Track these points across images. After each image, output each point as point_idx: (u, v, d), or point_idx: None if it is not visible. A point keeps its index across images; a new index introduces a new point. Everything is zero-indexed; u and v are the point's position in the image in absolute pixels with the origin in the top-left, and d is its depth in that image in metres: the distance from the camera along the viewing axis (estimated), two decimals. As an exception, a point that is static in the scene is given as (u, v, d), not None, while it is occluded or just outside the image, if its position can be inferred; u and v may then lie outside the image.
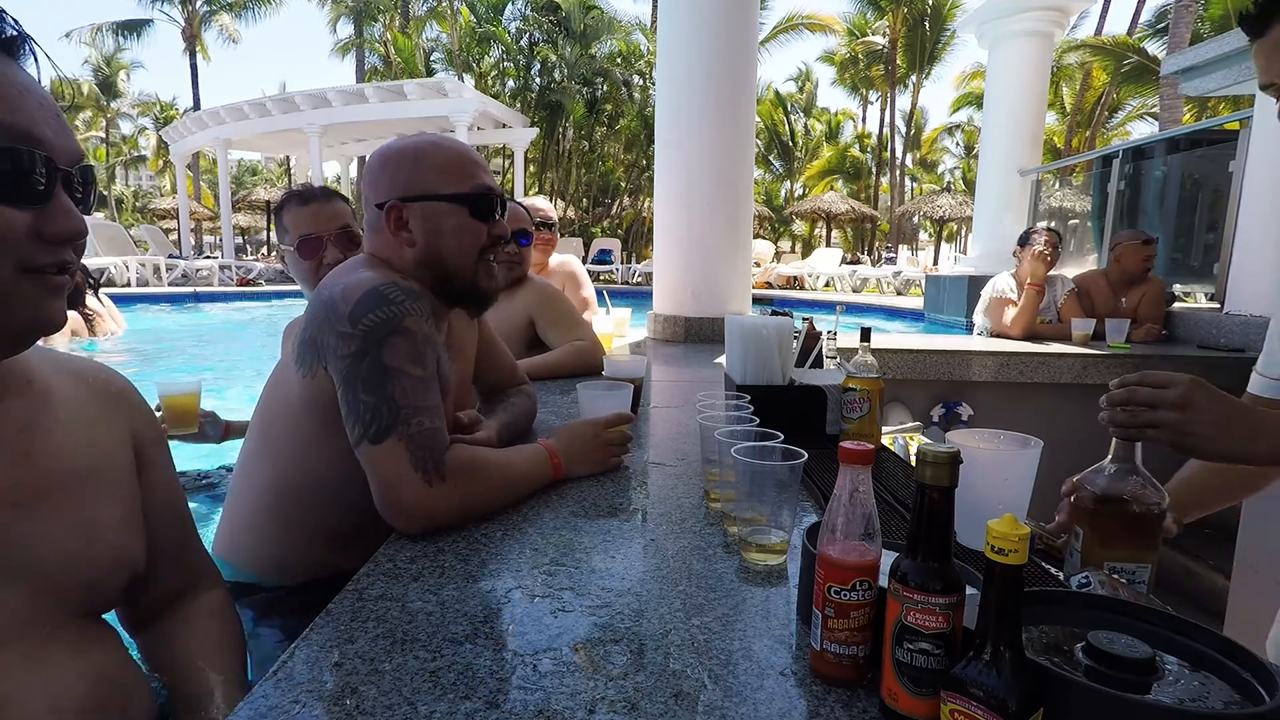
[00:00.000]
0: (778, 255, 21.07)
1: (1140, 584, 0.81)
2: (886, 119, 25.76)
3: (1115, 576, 0.82)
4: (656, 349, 3.15)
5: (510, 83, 21.34)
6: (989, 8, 6.02)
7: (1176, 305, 3.94)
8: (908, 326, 7.41)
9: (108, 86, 32.25)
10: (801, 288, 13.96)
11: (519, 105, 20.09)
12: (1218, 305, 3.68)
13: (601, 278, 14.86)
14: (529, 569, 0.86)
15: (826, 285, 14.06)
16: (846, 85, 26.24)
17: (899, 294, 11.71)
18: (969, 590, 0.54)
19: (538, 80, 20.89)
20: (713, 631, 0.71)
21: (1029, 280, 3.46)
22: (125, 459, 0.82)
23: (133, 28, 24.89)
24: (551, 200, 21.18)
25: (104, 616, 0.80)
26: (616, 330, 3.06)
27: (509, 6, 20.36)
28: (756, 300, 4.03)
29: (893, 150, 26.10)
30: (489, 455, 1.08)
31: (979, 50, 6.62)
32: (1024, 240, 3.57)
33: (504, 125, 16.05)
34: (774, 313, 2.08)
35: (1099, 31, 19.62)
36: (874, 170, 27.70)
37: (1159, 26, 17.58)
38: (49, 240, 0.64)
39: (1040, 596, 0.64)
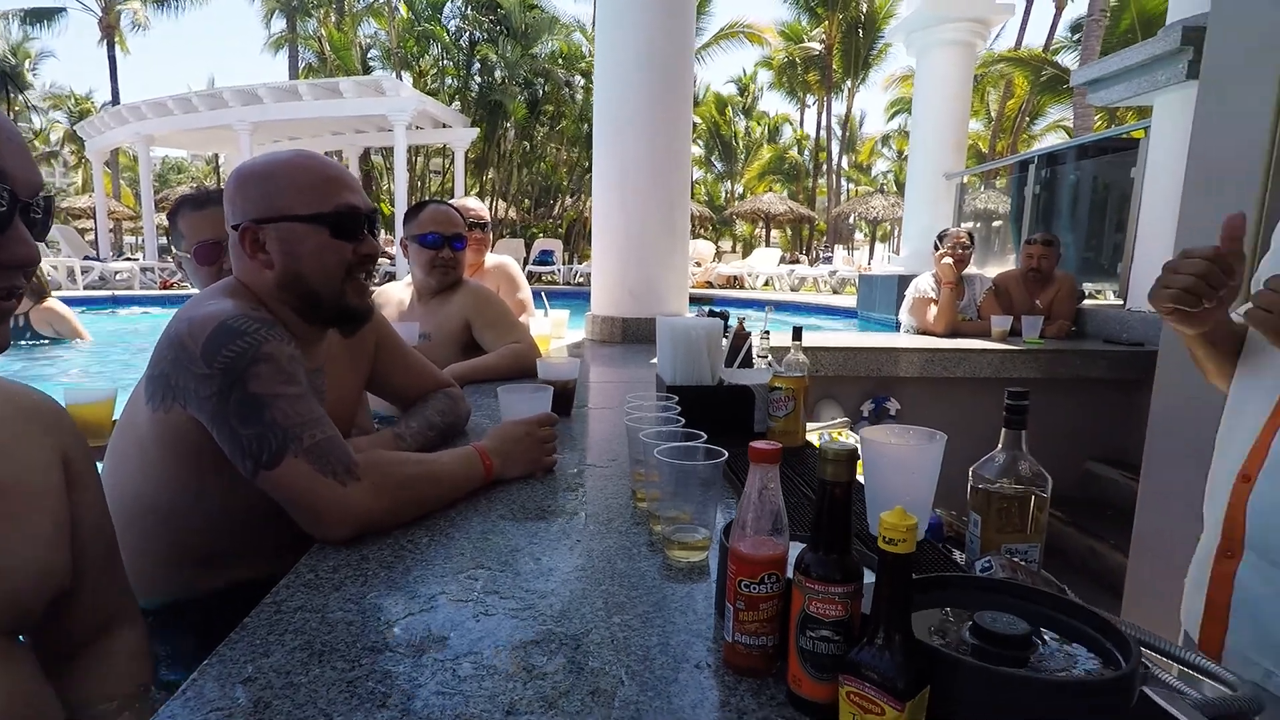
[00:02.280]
0: (718, 255, 21.35)
1: (1033, 563, 0.87)
2: (823, 122, 26.42)
3: (1014, 559, 0.88)
4: (594, 350, 3.16)
5: (450, 81, 20.99)
6: (916, 17, 6.26)
7: (1086, 302, 4.17)
8: (842, 324, 7.62)
9: (14, 77, 30.26)
10: (741, 287, 14.18)
11: (459, 105, 19.78)
12: (1121, 302, 3.91)
13: (544, 279, 14.77)
14: (454, 574, 0.86)
15: (766, 284, 14.32)
16: (784, 89, 26.79)
17: (835, 293, 12.03)
18: (869, 577, 0.58)
19: (478, 80, 20.60)
20: (632, 629, 0.73)
21: (944, 280, 3.61)
22: (55, 476, 0.81)
23: (43, 16, 23.44)
24: (492, 201, 21.01)
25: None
26: (554, 332, 3.05)
27: (448, 4, 20.00)
28: (695, 300, 4.07)
29: (830, 153, 26.77)
30: (405, 455, 1.08)
31: (910, 58, 6.87)
32: (939, 241, 3.73)
33: (444, 125, 15.78)
34: (710, 313, 2.12)
35: (1019, 44, 20.64)
36: (811, 172, 28.34)
37: (1074, 39, 18.57)
38: (1, 266, 0.65)
39: (940, 581, 0.67)
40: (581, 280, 13.50)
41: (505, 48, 19.02)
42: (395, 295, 2.39)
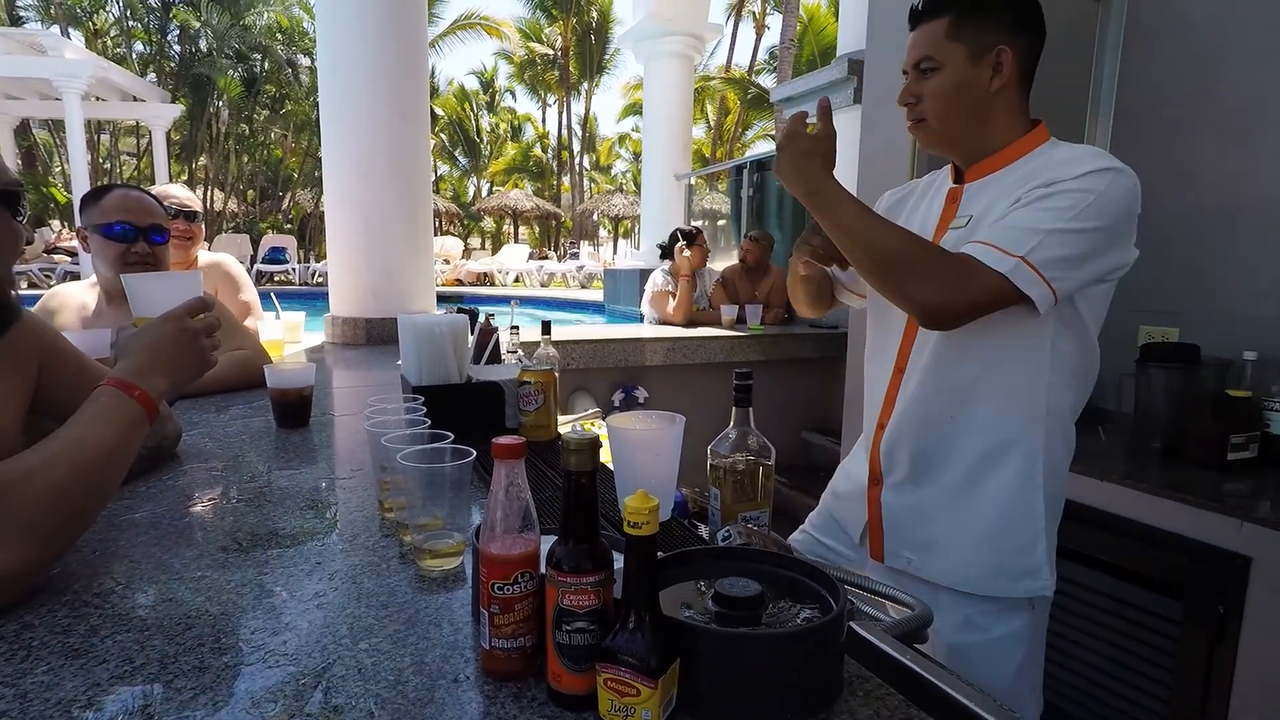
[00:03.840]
0: (467, 252, 20.87)
1: (764, 527, 0.97)
2: (564, 122, 27.03)
3: (748, 525, 0.97)
4: (336, 354, 2.91)
5: (141, 48, 17.70)
6: (641, 28, 6.69)
7: (796, 292, 4.79)
8: (590, 318, 7.89)
9: None
10: (492, 283, 14.02)
11: (155, 76, 16.78)
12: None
13: (276, 278, 13.26)
14: (157, 627, 0.72)
15: (516, 281, 14.31)
16: (525, 85, 26.90)
17: (583, 287, 12.42)
18: (620, 561, 0.59)
19: (177, 48, 17.66)
20: (382, 652, 0.67)
21: (683, 273, 3.92)
22: None
23: None
24: (207, 190, 18.23)
25: None
26: (289, 336, 2.74)
27: (129, -46, 16.80)
28: (444, 298, 3.93)
29: (571, 152, 27.47)
30: (23, 462, 0.78)
31: (639, 65, 7.34)
32: (674, 239, 4.02)
33: (135, 98, 13.26)
34: (459, 310, 2.05)
35: (729, 64, 23.13)
36: (556, 170, 28.85)
37: (772, 64, 21.25)
38: None
39: (686, 556, 0.72)
40: (320, 280, 12.34)
41: (211, 14, 16.52)
42: (76, 298, 1.97)
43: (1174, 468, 1.85)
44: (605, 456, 1.04)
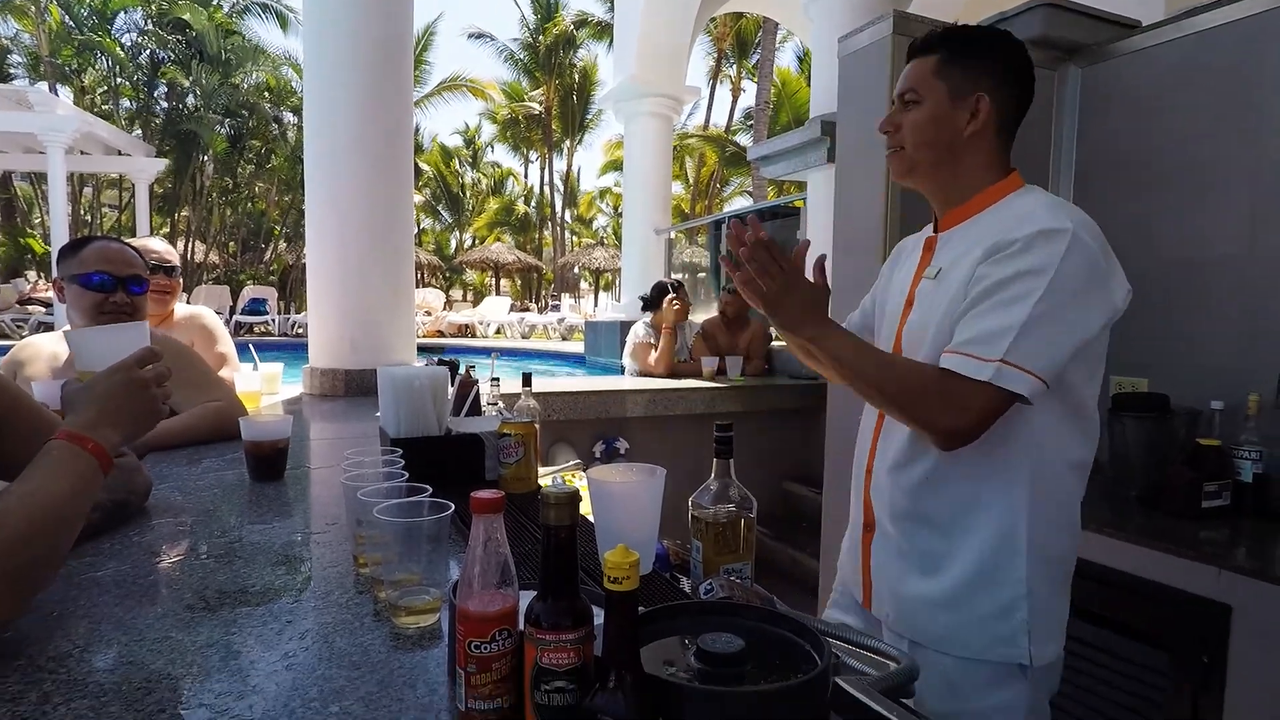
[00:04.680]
0: (449, 304, 20.91)
1: (746, 580, 0.96)
2: (546, 178, 27.54)
3: (731, 578, 0.96)
4: (314, 405, 2.87)
5: (128, 104, 17.87)
6: (621, 90, 6.93)
7: (775, 343, 4.84)
8: (572, 369, 7.89)
9: None
10: (473, 335, 14.02)
11: (141, 131, 16.90)
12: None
13: (256, 329, 13.18)
14: (115, 693, 0.69)
15: (498, 332, 14.33)
16: (509, 143, 27.49)
17: (564, 339, 12.45)
18: (600, 617, 0.58)
19: (164, 104, 17.86)
20: (354, 716, 0.65)
21: (666, 324, 3.96)
22: None
23: None
24: (188, 242, 18.19)
25: None
26: (266, 387, 2.71)
27: (121, 16, 17.08)
28: (425, 349, 3.92)
29: (553, 207, 27.92)
30: None
31: (619, 124, 7.56)
32: (662, 290, 4.07)
33: (120, 152, 13.32)
34: (440, 361, 2.04)
35: (707, 123, 23.87)
36: (537, 224, 29.25)
37: (749, 123, 21.98)
38: None
39: (669, 611, 0.71)
40: (300, 330, 12.29)
41: (200, 74, 16.78)
42: (47, 349, 1.94)
43: (1151, 516, 1.86)
44: (585, 509, 1.03)
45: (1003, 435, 1.07)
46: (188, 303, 2.91)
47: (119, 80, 17.59)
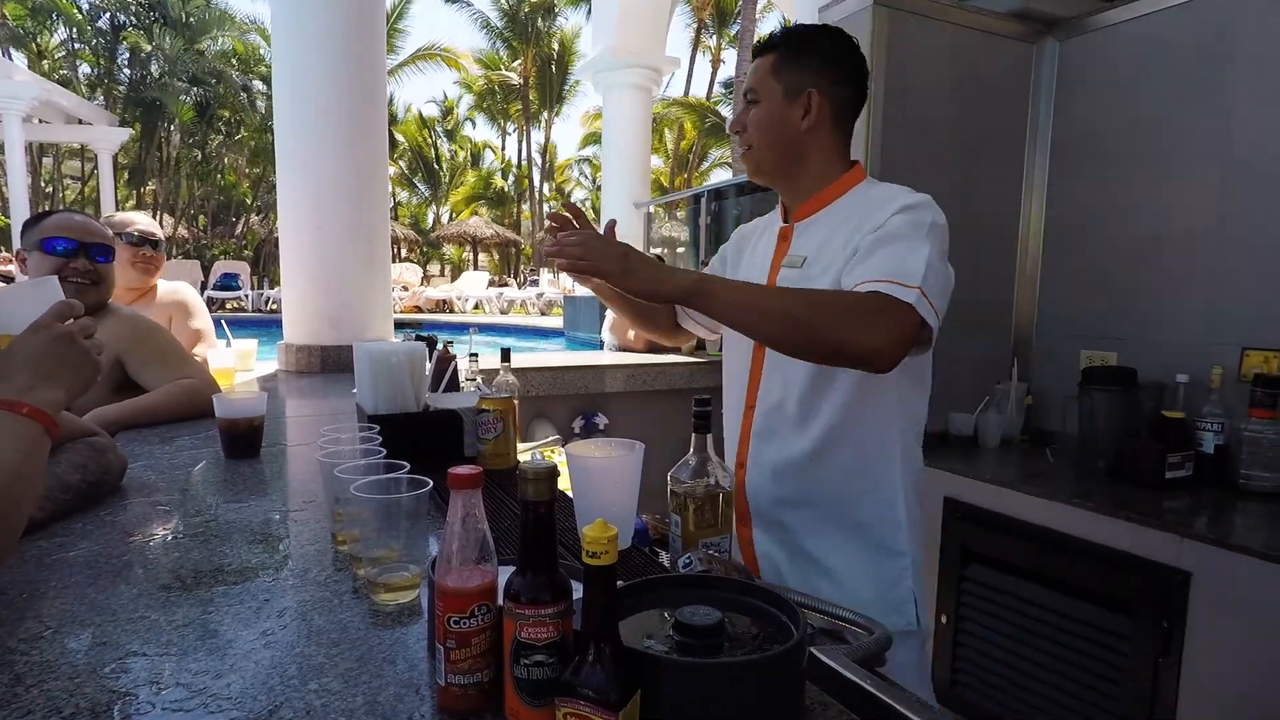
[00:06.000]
0: (426, 279, 20.66)
1: (725, 553, 0.97)
2: (524, 151, 27.16)
3: (710, 552, 0.97)
4: (290, 382, 2.83)
5: (88, 70, 17.23)
6: (599, 60, 6.81)
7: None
8: (550, 344, 7.86)
9: None
10: (451, 310, 13.89)
11: (103, 99, 16.32)
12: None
13: (228, 305, 12.94)
14: (91, 671, 0.68)
15: (476, 308, 14.20)
16: (486, 114, 27.01)
17: (543, 314, 12.38)
18: (579, 592, 0.58)
19: (126, 71, 17.25)
20: (333, 693, 0.65)
21: None
22: None
23: None
24: (157, 216, 17.71)
25: None
26: (241, 364, 2.68)
27: (79, -23, 16.40)
28: (403, 325, 3.87)
29: (531, 180, 27.57)
30: None
31: (598, 95, 7.45)
32: None
33: (81, 121, 12.87)
34: (418, 337, 2.02)
35: (687, 92, 23.59)
36: (515, 198, 28.89)
37: (729, 93, 21.80)
38: None
39: (649, 584, 0.71)
40: (274, 306, 12.09)
41: (163, 38, 16.20)
42: None
43: (1117, 487, 1.92)
44: (565, 484, 1.03)
45: (877, 402, 1.15)
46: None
47: (77, 45, 16.97)
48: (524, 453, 1.49)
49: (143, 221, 2.49)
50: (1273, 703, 1.49)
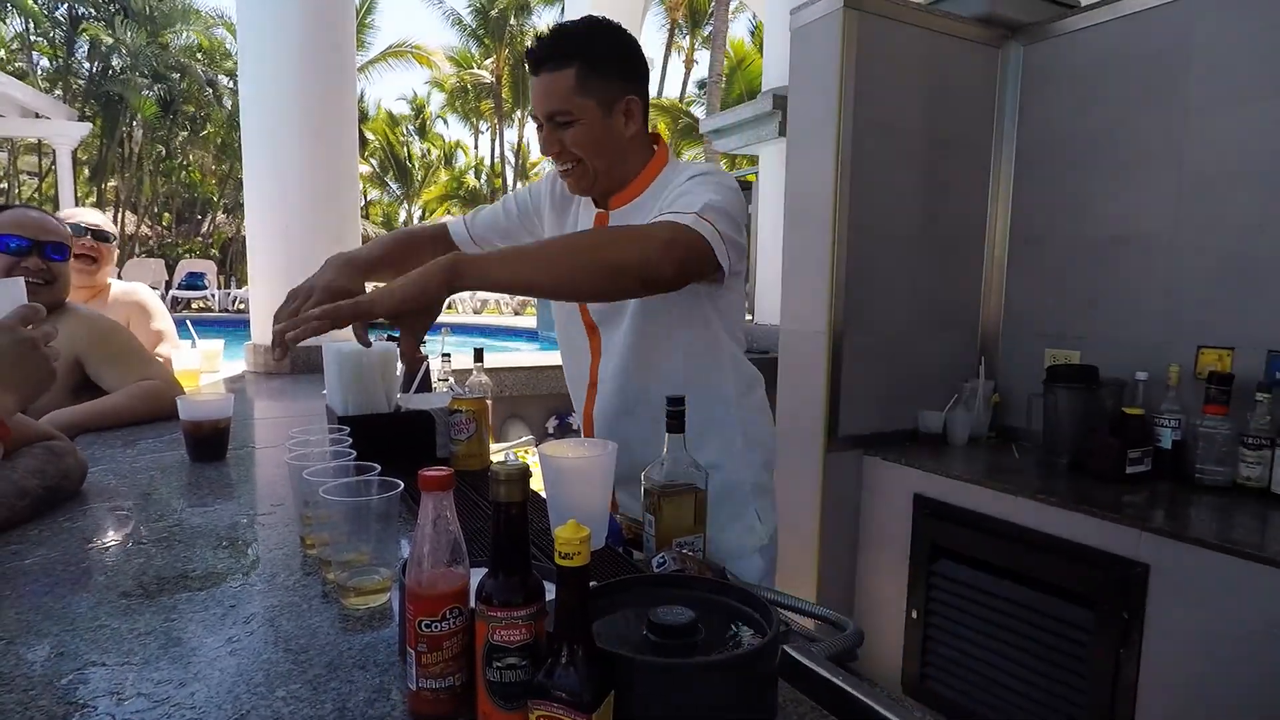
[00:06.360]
0: (397, 277, 20.34)
1: (698, 552, 0.97)
2: (497, 150, 26.96)
3: (684, 550, 0.97)
4: (258, 383, 2.78)
5: (45, 62, 16.73)
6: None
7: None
8: (524, 344, 7.82)
9: None
10: (422, 310, 13.73)
11: (62, 93, 15.84)
12: (750, 316, 4.68)
13: (194, 305, 12.66)
14: (48, 683, 0.66)
15: (449, 307, 14.06)
16: (459, 113, 26.74)
17: (516, 314, 12.31)
18: (552, 593, 0.58)
19: (86, 65, 16.78)
20: (301, 700, 0.64)
21: None
22: None
23: None
24: (118, 213, 17.25)
25: None
26: (206, 365, 2.62)
27: (35, -32, 15.92)
28: (373, 325, 3.80)
29: (504, 179, 27.38)
30: None
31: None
32: None
33: (38, 115, 12.45)
34: (390, 338, 1.99)
35: (660, 93, 23.61)
36: (489, 197, 28.65)
37: (702, 94, 21.87)
38: None
39: (623, 585, 0.71)
40: (242, 306, 11.85)
41: (125, 31, 15.78)
42: None
43: (1080, 482, 1.96)
44: (538, 484, 1.03)
45: (704, 332, 1.28)
46: (119, 277, 2.78)
47: (34, 36, 16.47)
48: (497, 454, 1.48)
49: (90, 216, 2.43)
50: (1228, 689, 1.54)
